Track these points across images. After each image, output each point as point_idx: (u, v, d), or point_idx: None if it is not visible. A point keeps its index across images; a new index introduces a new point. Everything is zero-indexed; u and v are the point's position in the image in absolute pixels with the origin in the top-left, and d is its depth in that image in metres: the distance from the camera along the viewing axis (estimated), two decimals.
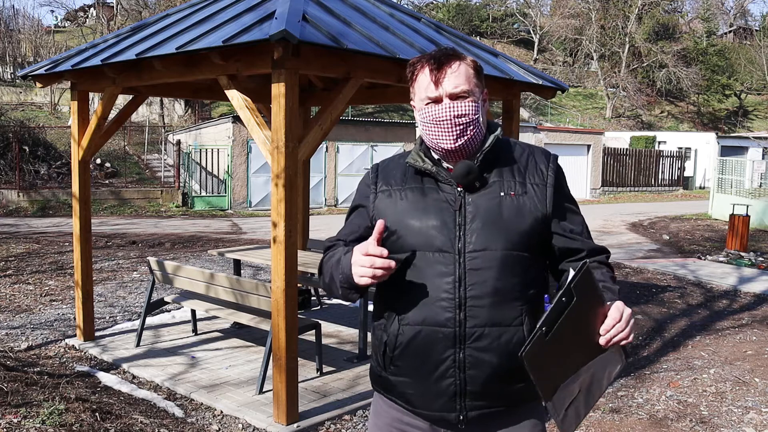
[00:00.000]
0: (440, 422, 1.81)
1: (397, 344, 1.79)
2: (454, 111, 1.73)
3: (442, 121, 1.74)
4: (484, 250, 1.73)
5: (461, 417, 1.77)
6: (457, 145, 1.75)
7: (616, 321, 1.58)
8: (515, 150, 1.87)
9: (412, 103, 1.86)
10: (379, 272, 1.62)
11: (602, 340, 1.59)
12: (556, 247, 1.84)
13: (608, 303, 1.62)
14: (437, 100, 1.75)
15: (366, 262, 1.63)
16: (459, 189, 1.77)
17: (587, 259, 1.62)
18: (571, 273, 1.56)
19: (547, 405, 1.58)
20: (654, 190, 30.93)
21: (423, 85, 1.76)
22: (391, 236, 1.78)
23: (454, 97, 1.74)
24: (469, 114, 1.74)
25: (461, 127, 1.74)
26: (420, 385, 1.77)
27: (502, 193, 1.77)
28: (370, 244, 1.63)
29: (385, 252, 1.62)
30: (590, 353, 1.60)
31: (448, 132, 1.74)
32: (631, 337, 1.61)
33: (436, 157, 1.83)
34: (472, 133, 1.76)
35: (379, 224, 1.64)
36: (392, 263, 1.63)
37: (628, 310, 1.62)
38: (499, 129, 1.86)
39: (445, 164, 1.82)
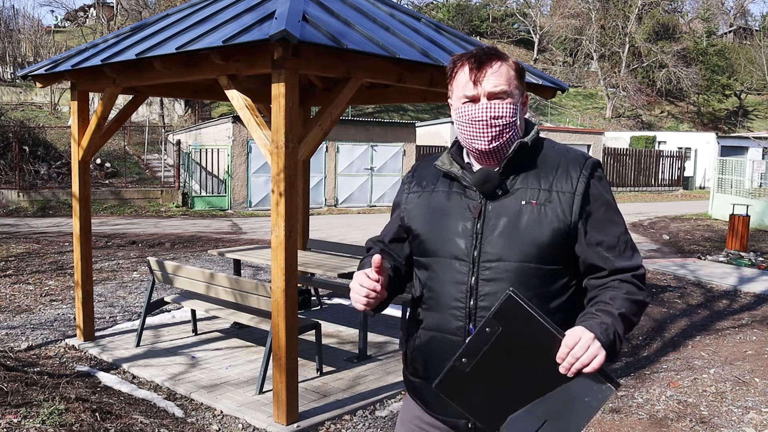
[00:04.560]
0: (454, 427, 1.82)
1: (414, 347, 1.82)
2: (491, 112, 1.69)
3: (478, 121, 1.70)
4: (498, 261, 1.68)
5: (469, 426, 1.77)
6: (491, 146, 1.71)
7: (570, 348, 1.48)
8: (549, 154, 1.77)
9: (449, 101, 1.83)
10: (372, 301, 1.67)
11: (562, 369, 1.50)
12: (580, 261, 1.73)
13: (570, 330, 1.52)
14: (475, 99, 1.71)
15: (360, 292, 1.67)
16: (481, 196, 1.75)
17: (511, 288, 1.51)
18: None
19: None
20: (654, 190, 30.92)
21: (461, 83, 1.73)
22: (415, 239, 1.81)
23: (492, 96, 1.69)
24: (505, 116, 1.70)
25: (497, 128, 1.70)
26: (431, 389, 1.75)
27: (523, 202, 1.70)
28: (366, 276, 1.66)
29: (377, 286, 1.66)
30: (551, 382, 1.51)
31: (484, 132, 1.70)
32: (596, 362, 1.48)
33: (466, 160, 1.80)
34: (507, 135, 1.71)
35: (376, 259, 1.65)
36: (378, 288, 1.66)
37: (587, 335, 1.49)
38: (533, 132, 1.78)
39: (475, 168, 1.80)
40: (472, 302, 1.70)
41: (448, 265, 1.73)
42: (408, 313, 1.93)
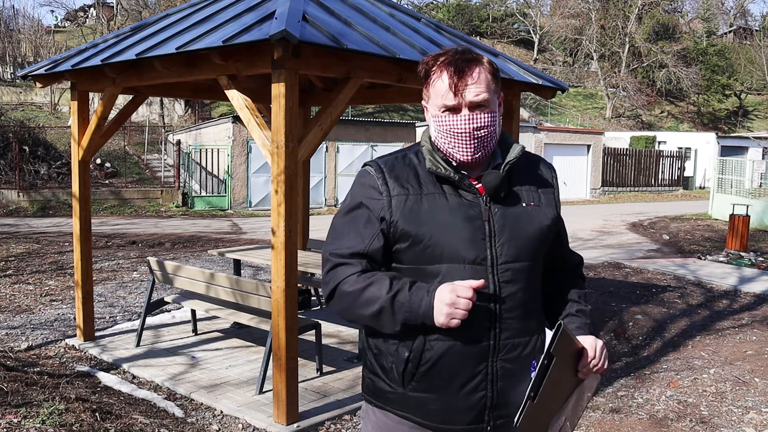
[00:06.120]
0: None
1: (424, 360, 1.70)
2: (473, 123, 1.67)
3: (460, 133, 1.68)
4: (515, 262, 1.71)
5: (488, 428, 1.75)
6: (474, 157, 1.70)
7: (592, 358, 1.72)
8: (526, 160, 1.84)
9: (425, 104, 1.78)
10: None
11: (581, 375, 1.73)
12: (554, 254, 1.88)
13: (581, 339, 1.74)
14: (455, 109, 1.67)
15: (464, 305, 1.57)
16: (484, 198, 1.72)
17: (561, 320, 1.66)
18: (548, 335, 1.63)
19: None
20: (654, 190, 30.93)
21: (440, 92, 1.68)
22: (415, 246, 1.70)
23: (473, 106, 1.66)
24: (487, 126, 1.68)
25: (479, 140, 1.68)
26: (447, 400, 1.72)
27: (524, 204, 1.76)
28: (467, 287, 1.58)
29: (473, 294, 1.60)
30: (572, 388, 1.73)
31: (466, 144, 1.69)
32: (606, 364, 1.76)
33: (454, 163, 1.75)
34: (488, 146, 1.72)
35: (481, 283, 1.59)
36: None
37: (600, 343, 1.75)
38: (512, 138, 1.85)
39: (463, 169, 1.76)
40: (496, 305, 1.69)
41: (463, 270, 1.68)
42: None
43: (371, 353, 1.83)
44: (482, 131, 1.68)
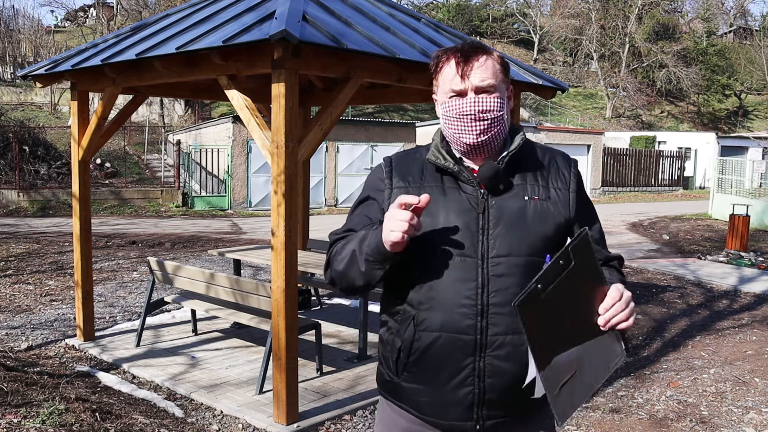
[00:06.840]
0: (455, 430, 1.75)
1: (413, 350, 1.72)
2: (478, 106, 1.68)
3: (466, 115, 1.68)
4: (508, 256, 1.68)
5: (477, 426, 1.72)
6: (479, 140, 1.70)
7: (616, 300, 1.54)
8: (537, 153, 1.82)
9: (434, 96, 1.81)
10: (411, 228, 1.53)
11: (601, 320, 1.54)
12: None
13: (609, 283, 1.58)
14: (462, 94, 1.69)
15: (403, 216, 1.52)
16: (482, 191, 1.71)
17: (584, 228, 1.55)
18: (568, 241, 1.53)
19: (540, 376, 1.50)
20: (654, 190, 30.93)
21: (448, 77, 1.71)
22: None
23: (479, 90, 1.68)
24: (493, 110, 1.69)
25: (485, 122, 1.69)
26: (435, 393, 1.72)
27: (525, 197, 1.72)
28: (406, 198, 1.54)
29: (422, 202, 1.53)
30: (588, 332, 1.55)
31: (472, 127, 1.69)
32: (631, 321, 1.56)
33: (457, 155, 1.76)
34: (495, 130, 1.71)
35: (425, 198, 1.54)
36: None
37: (628, 293, 1.57)
38: (523, 131, 1.82)
39: (466, 162, 1.76)
40: (483, 299, 1.67)
41: (452, 262, 1.68)
42: (389, 317, 1.81)
43: (380, 344, 1.88)
44: (488, 114, 1.69)
